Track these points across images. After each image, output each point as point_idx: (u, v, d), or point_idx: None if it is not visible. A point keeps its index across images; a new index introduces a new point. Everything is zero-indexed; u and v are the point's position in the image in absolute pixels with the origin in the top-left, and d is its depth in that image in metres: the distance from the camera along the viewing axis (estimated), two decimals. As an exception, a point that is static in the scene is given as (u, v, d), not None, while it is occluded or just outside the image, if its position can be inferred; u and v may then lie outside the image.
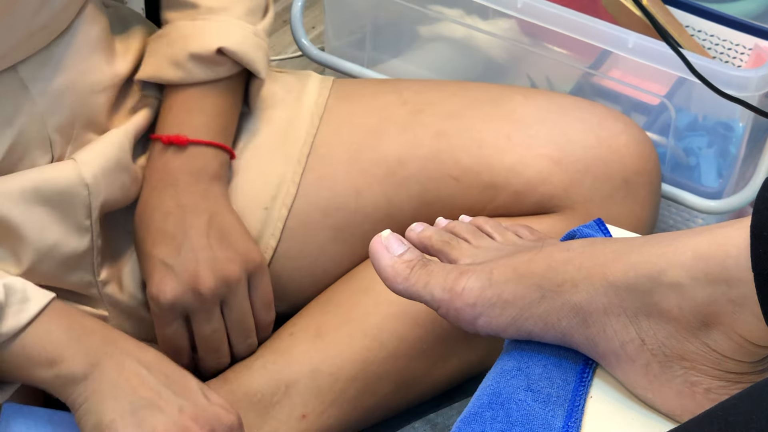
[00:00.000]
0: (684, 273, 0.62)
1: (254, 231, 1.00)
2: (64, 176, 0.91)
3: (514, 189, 0.98)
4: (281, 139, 1.02)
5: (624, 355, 0.66)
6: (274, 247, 1.01)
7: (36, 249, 0.90)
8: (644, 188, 1.00)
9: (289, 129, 1.03)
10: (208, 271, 0.93)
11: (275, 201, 1.00)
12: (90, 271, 0.95)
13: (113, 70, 0.96)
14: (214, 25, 0.97)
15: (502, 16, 1.16)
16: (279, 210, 1.00)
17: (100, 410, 0.83)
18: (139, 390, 0.84)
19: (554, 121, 1.00)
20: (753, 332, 0.61)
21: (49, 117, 0.91)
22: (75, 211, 0.92)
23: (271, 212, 1.01)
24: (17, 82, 0.89)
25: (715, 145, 1.16)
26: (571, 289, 0.66)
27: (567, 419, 0.66)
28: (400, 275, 0.73)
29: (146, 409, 0.83)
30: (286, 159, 1.01)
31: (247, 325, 0.97)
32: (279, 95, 1.05)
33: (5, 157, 0.89)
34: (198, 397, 0.86)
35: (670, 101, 1.15)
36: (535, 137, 0.99)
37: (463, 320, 0.70)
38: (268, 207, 1.01)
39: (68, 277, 0.94)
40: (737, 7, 1.25)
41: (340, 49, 1.30)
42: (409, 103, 1.03)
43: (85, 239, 0.93)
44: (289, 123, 1.03)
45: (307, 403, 0.96)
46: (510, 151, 0.99)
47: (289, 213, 1.01)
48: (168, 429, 0.82)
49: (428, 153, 1.00)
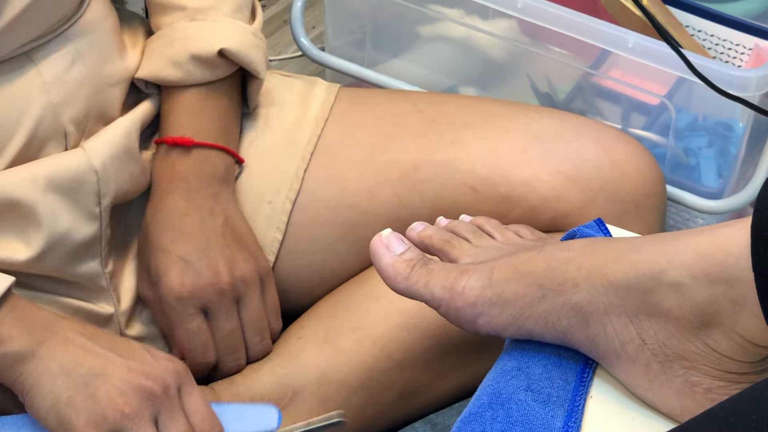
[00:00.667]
0: (685, 273, 0.62)
1: (260, 226, 1.00)
2: (74, 163, 0.91)
3: (530, 204, 0.98)
4: (286, 139, 1.03)
5: (624, 354, 0.66)
6: (281, 240, 1.01)
7: (49, 234, 0.90)
8: (653, 212, 1.00)
9: (295, 129, 1.03)
10: (226, 268, 0.94)
11: (279, 195, 1.01)
12: (98, 261, 0.95)
13: (125, 63, 0.97)
14: (214, 26, 0.97)
15: (502, 16, 1.16)
16: (283, 204, 1.01)
17: (54, 389, 0.82)
18: (87, 360, 0.83)
19: (569, 138, 1.00)
20: (753, 332, 0.61)
21: (64, 108, 0.91)
22: (85, 198, 0.92)
23: (275, 206, 1.01)
24: (34, 73, 0.90)
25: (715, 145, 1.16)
26: (571, 289, 0.66)
27: (567, 419, 0.66)
28: (401, 274, 0.73)
29: (97, 379, 0.83)
30: (291, 156, 1.02)
31: (262, 326, 0.97)
32: (286, 98, 1.05)
33: (23, 148, 0.90)
34: (144, 354, 0.86)
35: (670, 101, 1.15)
36: (552, 152, 0.99)
37: (464, 319, 0.70)
38: (272, 201, 1.01)
39: (76, 268, 0.94)
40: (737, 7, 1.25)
41: (340, 49, 1.30)
42: (423, 112, 1.03)
43: (93, 226, 0.93)
44: (295, 124, 1.03)
45: (312, 410, 0.96)
46: (526, 165, 0.99)
47: (293, 207, 1.01)
48: (122, 392, 0.82)
49: (444, 160, 1.00)
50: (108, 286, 0.96)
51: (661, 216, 1.02)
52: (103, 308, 0.96)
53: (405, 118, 1.03)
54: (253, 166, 1.01)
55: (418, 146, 1.01)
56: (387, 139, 1.02)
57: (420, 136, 1.01)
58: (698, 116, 1.18)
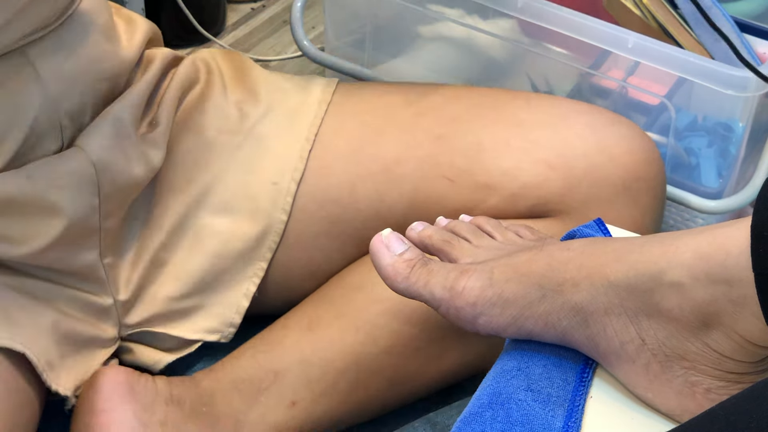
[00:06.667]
0: (685, 273, 0.62)
1: (265, 209, 1.00)
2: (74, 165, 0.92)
3: (509, 192, 0.98)
4: (289, 121, 1.03)
5: (624, 355, 0.66)
6: (285, 221, 1.01)
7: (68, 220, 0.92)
8: (646, 194, 1.00)
9: (298, 112, 1.03)
10: None
11: (284, 176, 1.01)
12: (96, 253, 0.95)
13: (120, 57, 0.97)
14: None
15: (502, 16, 1.16)
16: (288, 184, 1.01)
17: None
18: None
19: (555, 126, 1.00)
20: (753, 332, 0.61)
21: (61, 103, 0.92)
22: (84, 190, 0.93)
23: (279, 186, 1.01)
24: (29, 68, 0.90)
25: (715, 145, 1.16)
26: (571, 289, 0.66)
27: (567, 419, 0.66)
28: (401, 274, 0.73)
29: None
30: (295, 138, 1.02)
31: None
32: (288, 86, 1.05)
33: (21, 145, 0.90)
34: None
35: (670, 101, 1.15)
36: (535, 142, 0.99)
37: (464, 319, 0.70)
38: (276, 182, 1.01)
39: (75, 259, 0.94)
40: (737, 7, 1.25)
41: (340, 49, 1.30)
42: (413, 105, 1.03)
43: (93, 219, 0.94)
44: (298, 106, 1.04)
45: (297, 391, 0.96)
46: (508, 156, 0.99)
47: (298, 188, 1.01)
48: None
49: (425, 155, 1.00)
50: (106, 277, 0.96)
51: (657, 198, 1.02)
52: (102, 299, 0.97)
53: (395, 110, 1.03)
54: (257, 147, 1.01)
55: (402, 141, 1.01)
56: (375, 133, 1.02)
57: (406, 131, 1.02)
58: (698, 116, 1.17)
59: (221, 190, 1.01)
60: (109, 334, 0.99)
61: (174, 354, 1.02)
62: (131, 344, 1.02)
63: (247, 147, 1.01)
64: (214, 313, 1.02)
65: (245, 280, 1.01)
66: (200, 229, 1.00)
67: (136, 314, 1.00)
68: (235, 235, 1.01)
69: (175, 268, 1.00)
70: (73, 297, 0.96)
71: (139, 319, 1.00)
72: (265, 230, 1.01)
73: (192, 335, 1.02)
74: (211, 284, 1.01)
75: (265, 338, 0.99)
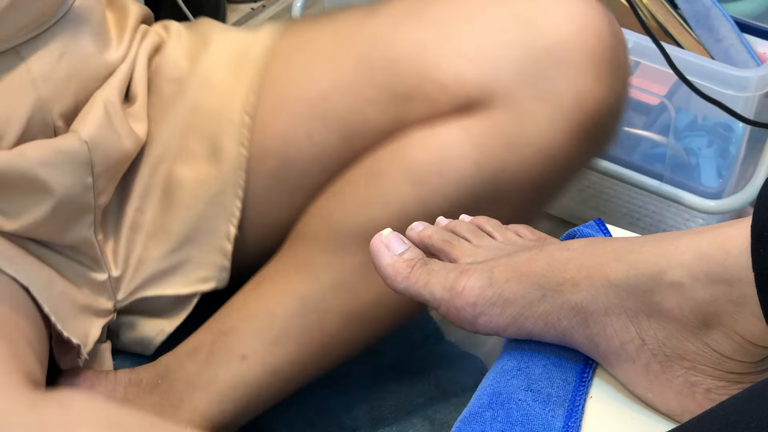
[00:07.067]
0: (685, 273, 0.62)
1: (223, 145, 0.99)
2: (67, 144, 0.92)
3: (431, 97, 0.93)
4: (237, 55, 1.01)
5: (624, 354, 0.66)
6: (246, 156, 0.99)
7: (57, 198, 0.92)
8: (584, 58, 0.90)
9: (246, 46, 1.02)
10: None
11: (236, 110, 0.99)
12: (91, 230, 0.96)
13: (112, 57, 0.97)
14: None
15: (502, 15, 1.15)
16: (241, 117, 0.99)
17: None
18: None
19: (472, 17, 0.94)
20: (753, 332, 0.61)
21: (54, 104, 0.92)
22: (78, 168, 0.93)
23: (233, 120, 0.99)
24: (23, 69, 0.90)
25: (715, 145, 1.17)
26: (571, 289, 0.66)
27: (567, 419, 0.66)
28: (401, 274, 0.73)
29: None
30: (243, 73, 1.00)
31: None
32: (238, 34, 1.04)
33: (14, 145, 0.91)
34: None
35: (670, 101, 1.15)
36: (451, 38, 0.93)
37: (464, 319, 0.70)
38: (230, 117, 0.99)
39: (69, 235, 0.95)
40: (737, 7, 1.25)
41: (339, 48, 1.29)
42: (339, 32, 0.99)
43: (87, 196, 0.94)
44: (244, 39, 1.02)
45: (246, 345, 0.96)
46: (424, 59, 0.93)
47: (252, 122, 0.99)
48: None
49: (347, 82, 0.96)
50: (100, 253, 0.97)
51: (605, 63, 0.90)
52: (97, 274, 0.98)
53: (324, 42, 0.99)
54: (206, 92, 1.00)
55: (327, 73, 0.97)
56: (302, 71, 0.99)
57: (330, 60, 0.98)
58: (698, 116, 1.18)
59: (177, 139, 1.00)
60: (104, 305, 1.00)
61: (173, 320, 1.03)
62: (130, 318, 1.03)
63: (195, 91, 1.00)
64: (202, 261, 1.01)
65: (224, 222, 1.00)
66: (167, 184, 1.00)
67: (128, 284, 1.01)
68: (200, 179, 1.00)
69: (154, 228, 1.01)
70: (69, 266, 0.96)
71: (133, 287, 1.01)
72: (229, 167, 0.99)
73: (186, 289, 1.02)
74: (191, 235, 1.01)
75: (220, 308, 1.01)
